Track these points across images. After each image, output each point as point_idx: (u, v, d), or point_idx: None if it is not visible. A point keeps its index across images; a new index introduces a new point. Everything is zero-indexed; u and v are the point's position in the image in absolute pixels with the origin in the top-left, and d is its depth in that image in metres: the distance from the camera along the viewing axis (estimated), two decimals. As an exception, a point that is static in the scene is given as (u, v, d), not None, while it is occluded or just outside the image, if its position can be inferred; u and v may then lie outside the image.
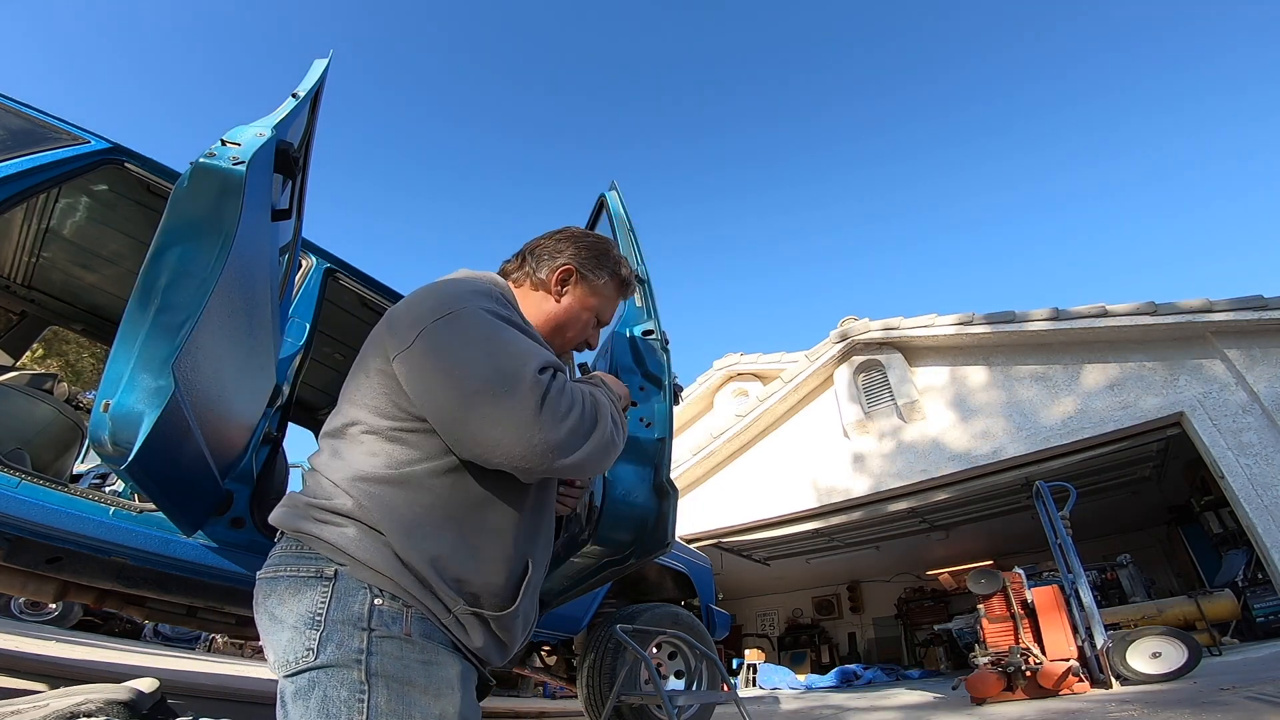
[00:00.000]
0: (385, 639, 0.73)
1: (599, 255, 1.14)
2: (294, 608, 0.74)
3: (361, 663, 0.71)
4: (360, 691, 0.70)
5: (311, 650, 0.71)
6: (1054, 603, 4.33)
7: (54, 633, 5.01)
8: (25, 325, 2.95)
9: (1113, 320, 6.01)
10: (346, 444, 0.84)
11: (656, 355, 1.56)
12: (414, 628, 0.76)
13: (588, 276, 1.12)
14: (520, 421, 0.74)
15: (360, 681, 0.70)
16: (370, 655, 0.72)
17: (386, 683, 0.71)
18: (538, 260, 1.11)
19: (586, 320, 1.14)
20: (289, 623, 0.74)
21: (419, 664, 0.74)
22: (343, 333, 3.10)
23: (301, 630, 0.72)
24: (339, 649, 0.71)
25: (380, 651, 0.72)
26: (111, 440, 1.02)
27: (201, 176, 1.08)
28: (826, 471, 7.63)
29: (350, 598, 0.74)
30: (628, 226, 1.84)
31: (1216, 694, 2.93)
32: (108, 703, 1.40)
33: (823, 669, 10.12)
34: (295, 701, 0.70)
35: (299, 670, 0.71)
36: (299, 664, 0.71)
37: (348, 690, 0.70)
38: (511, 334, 0.83)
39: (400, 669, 0.73)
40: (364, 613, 0.73)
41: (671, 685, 2.94)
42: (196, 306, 1.04)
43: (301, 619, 0.73)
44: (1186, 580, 8.42)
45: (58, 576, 1.65)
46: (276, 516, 0.84)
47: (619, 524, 1.35)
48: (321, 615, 0.73)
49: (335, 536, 0.77)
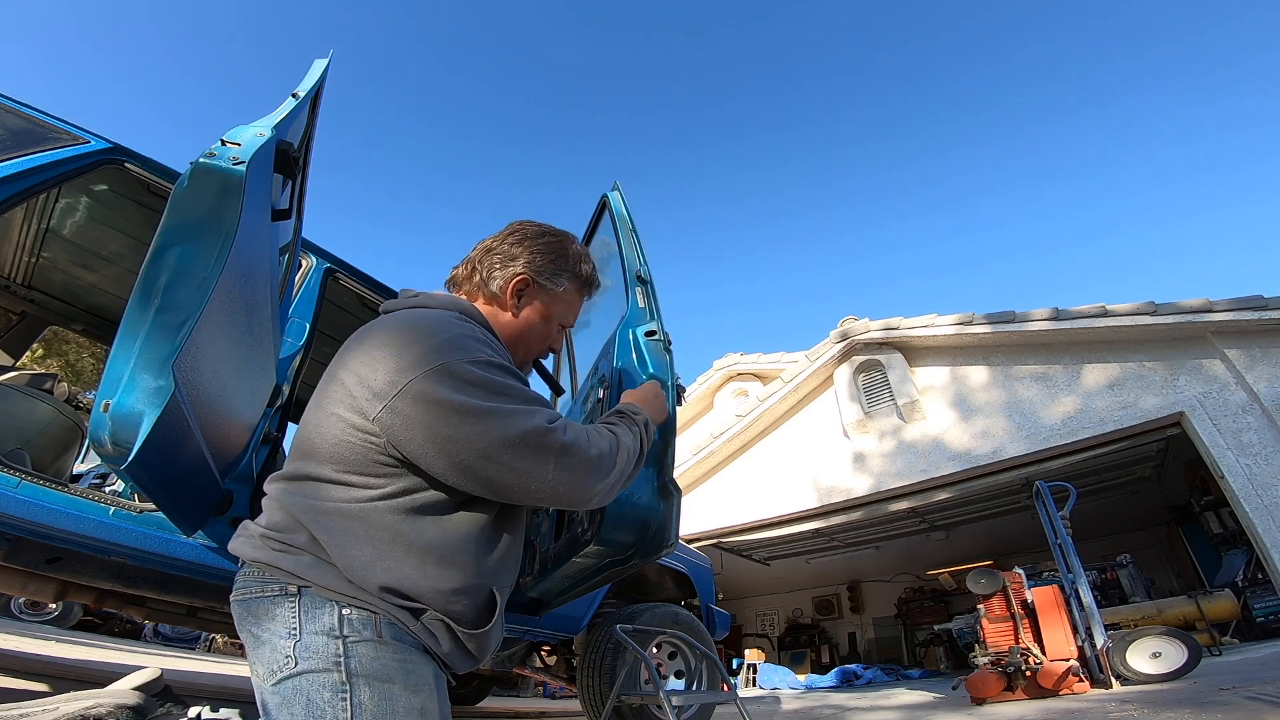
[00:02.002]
0: (359, 643, 0.76)
1: (556, 258, 1.06)
2: (269, 624, 0.77)
3: (340, 665, 0.74)
4: (342, 691, 0.73)
5: (291, 658, 0.74)
6: (1054, 603, 4.33)
7: (54, 633, 5.01)
8: (25, 325, 2.95)
9: (1113, 320, 6.01)
10: (305, 477, 0.83)
11: (659, 356, 1.56)
12: (384, 631, 0.78)
13: (545, 285, 1.05)
14: (540, 474, 0.80)
15: (341, 682, 0.73)
16: (348, 658, 0.74)
17: (367, 681, 0.74)
18: (489, 270, 1.03)
19: (549, 331, 1.09)
20: (266, 638, 0.76)
21: (395, 662, 0.77)
22: (343, 333, 3.08)
23: (278, 643, 0.75)
24: (316, 655, 0.74)
25: (356, 654, 0.75)
26: (111, 440, 1.02)
27: (201, 176, 1.08)
28: (826, 471, 7.63)
29: (319, 610, 0.76)
30: (630, 227, 1.84)
31: (1216, 694, 2.93)
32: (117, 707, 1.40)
33: (823, 669, 10.12)
34: (281, 710, 0.73)
35: (283, 678, 0.74)
36: (281, 672, 0.74)
37: (330, 691, 0.73)
38: (506, 385, 0.83)
39: (378, 667, 0.75)
40: (334, 622, 0.76)
41: (671, 685, 2.94)
42: (196, 306, 1.04)
43: (277, 633, 0.76)
44: (1186, 580, 8.43)
45: (58, 576, 1.65)
46: (235, 546, 0.84)
47: (622, 524, 1.35)
48: (296, 628, 0.75)
49: (291, 565, 0.78)
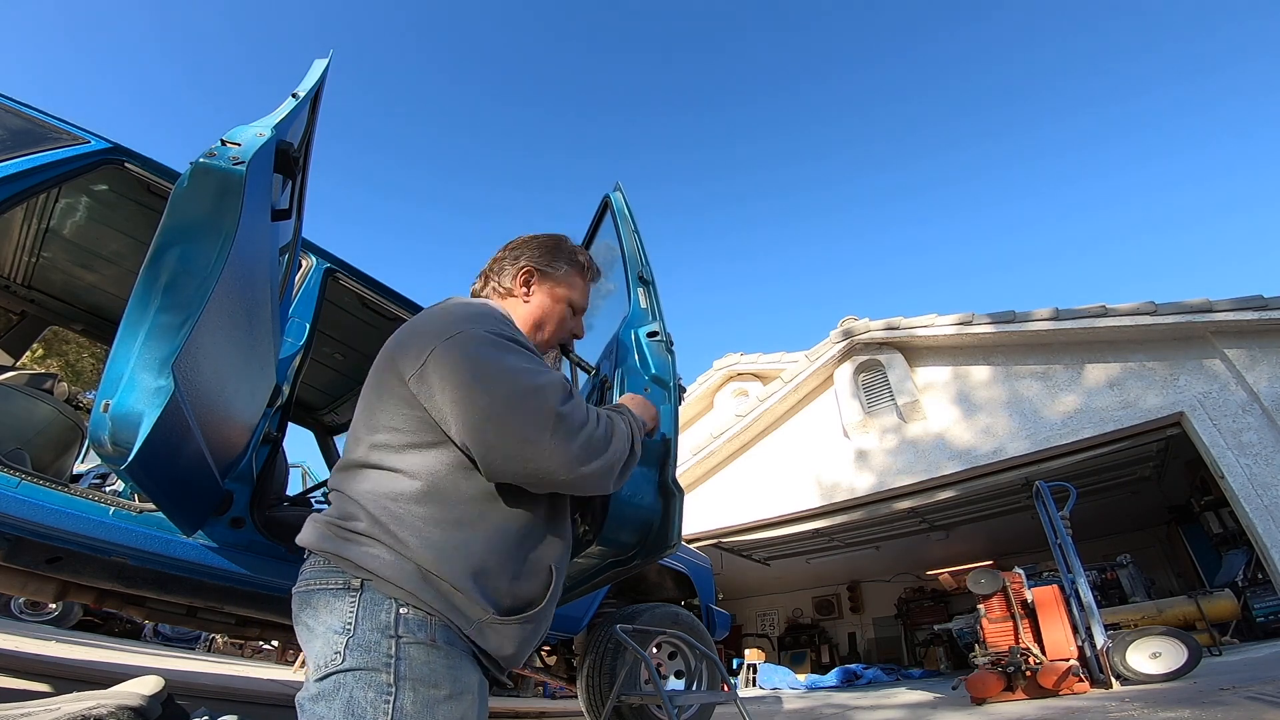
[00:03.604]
0: (412, 644, 0.76)
1: (553, 250, 1.19)
2: (325, 618, 0.78)
3: (391, 667, 0.74)
4: (387, 693, 0.72)
5: (339, 654, 0.74)
6: (1054, 603, 4.33)
7: (54, 633, 5.02)
8: (25, 325, 2.95)
9: (1113, 320, 6.01)
10: (367, 465, 0.86)
11: (661, 356, 1.56)
12: (438, 635, 0.78)
13: (548, 272, 1.17)
14: (535, 438, 0.79)
15: (388, 684, 0.73)
16: (399, 660, 0.74)
17: (413, 685, 0.74)
18: (499, 272, 1.17)
19: (561, 312, 1.18)
20: (319, 631, 0.77)
21: (444, 668, 0.77)
22: (343, 333, 3.10)
23: (331, 637, 0.76)
24: (367, 653, 0.74)
25: (408, 656, 0.75)
26: (111, 440, 1.02)
27: (201, 176, 1.08)
28: (827, 471, 7.63)
29: (377, 607, 0.77)
30: (632, 228, 1.84)
31: (1216, 694, 2.93)
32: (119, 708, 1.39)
33: (823, 669, 10.12)
34: (318, 702, 0.73)
35: (329, 673, 0.73)
36: (329, 666, 0.74)
37: (375, 692, 0.72)
38: (518, 354, 0.87)
39: (427, 673, 0.75)
40: (390, 621, 0.76)
41: (671, 685, 2.94)
42: (196, 306, 1.04)
43: (331, 627, 0.76)
44: (1186, 580, 8.42)
45: (58, 576, 1.65)
46: (304, 537, 0.86)
47: (624, 525, 1.35)
48: (351, 623, 0.76)
49: (359, 555, 0.79)
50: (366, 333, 3.10)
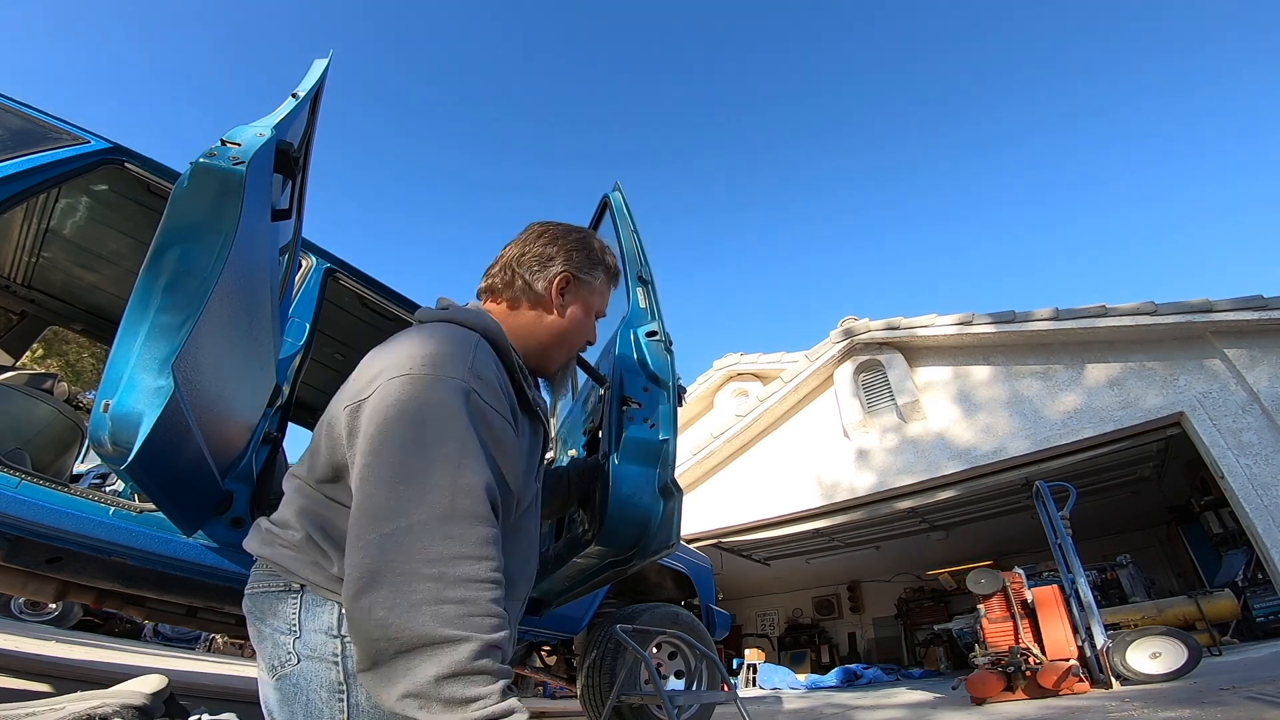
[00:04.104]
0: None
1: (588, 252, 1.08)
2: (272, 620, 0.78)
3: (339, 664, 0.74)
4: (339, 691, 0.73)
5: (291, 654, 0.75)
6: (1054, 602, 4.33)
7: (54, 633, 5.01)
8: (25, 325, 2.95)
9: (1113, 320, 6.01)
10: (303, 476, 0.84)
11: (660, 357, 1.56)
12: None
13: (585, 280, 1.06)
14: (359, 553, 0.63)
15: (339, 682, 0.73)
16: (346, 658, 0.74)
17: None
18: (530, 273, 1.02)
19: (590, 324, 1.10)
20: (268, 633, 0.78)
21: None
22: (343, 333, 3.10)
23: (280, 638, 0.77)
24: (314, 652, 0.75)
25: (354, 654, 0.72)
26: (111, 440, 1.02)
27: (201, 176, 1.08)
28: (827, 471, 7.63)
29: (319, 608, 0.77)
30: (631, 228, 1.84)
31: (1216, 694, 2.93)
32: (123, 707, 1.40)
33: (823, 669, 10.12)
34: (281, 706, 0.75)
35: (283, 674, 0.75)
36: (282, 668, 0.75)
37: (327, 691, 0.73)
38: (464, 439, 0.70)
39: None
40: (334, 621, 0.76)
41: (671, 685, 2.94)
42: (196, 306, 1.04)
43: (279, 629, 0.77)
44: (1186, 580, 8.42)
45: (58, 576, 1.65)
46: (247, 542, 0.87)
47: (623, 525, 1.35)
48: (296, 624, 0.76)
49: (290, 562, 0.80)
50: (366, 333, 3.10)
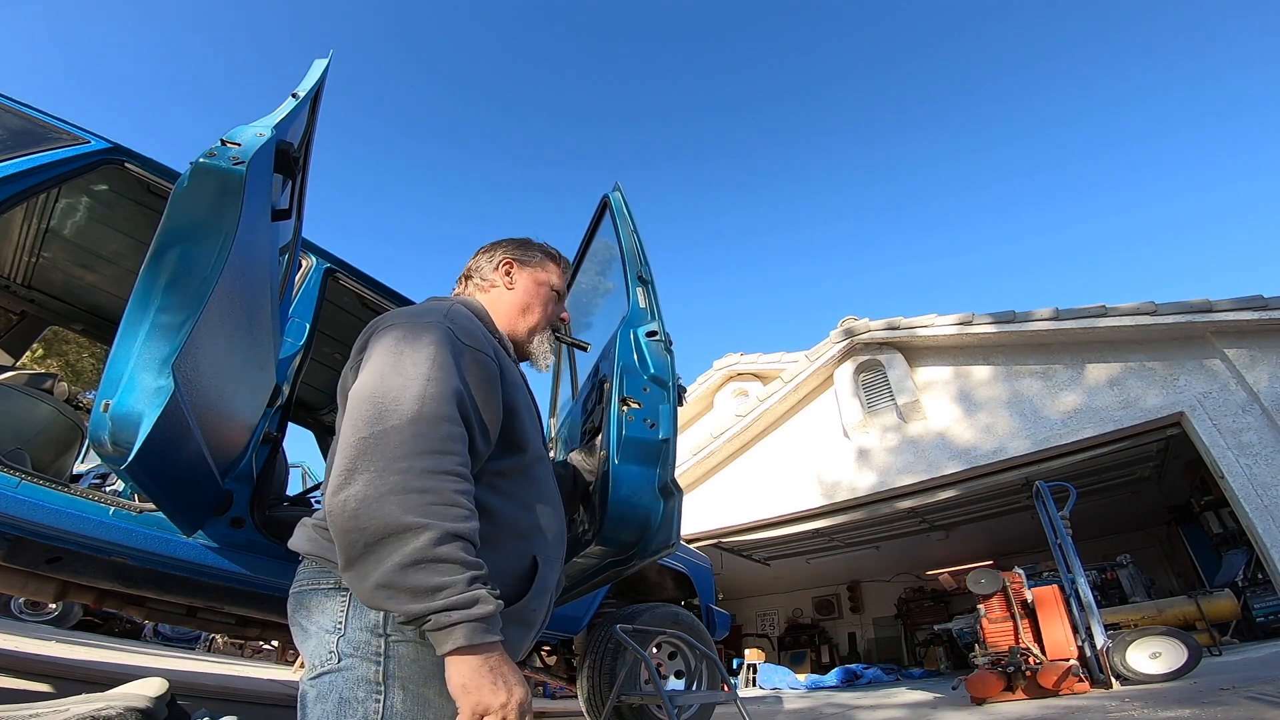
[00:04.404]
0: (400, 643, 0.76)
1: (524, 244, 1.28)
2: (318, 618, 0.79)
3: (380, 665, 0.75)
4: (376, 691, 0.73)
5: (334, 654, 0.75)
6: (1054, 602, 4.33)
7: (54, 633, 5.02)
8: (25, 325, 2.95)
9: (1113, 320, 6.00)
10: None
11: (660, 357, 1.56)
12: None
13: (525, 261, 1.25)
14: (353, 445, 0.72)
15: (377, 683, 0.74)
16: (388, 659, 0.75)
17: (402, 684, 0.75)
18: (478, 271, 1.24)
19: (546, 294, 1.24)
20: (313, 631, 0.79)
21: (434, 665, 0.76)
22: (343, 333, 3.10)
23: (324, 636, 0.77)
24: (357, 651, 0.75)
25: (396, 655, 0.76)
26: (111, 440, 1.02)
27: (201, 176, 1.08)
28: (827, 471, 7.63)
29: (366, 607, 0.77)
30: (631, 227, 1.84)
31: (1216, 694, 2.93)
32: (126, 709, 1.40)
33: (823, 669, 10.12)
34: (316, 702, 0.74)
35: (322, 672, 0.75)
36: (322, 666, 0.75)
37: (364, 690, 0.73)
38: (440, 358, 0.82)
39: (415, 671, 0.76)
40: (379, 620, 0.77)
41: (671, 685, 2.94)
42: (196, 306, 1.04)
43: (324, 627, 0.78)
44: (1186, 580, 8.42)
45: (58, 576, 1.65)
46: (294, 542, 0.88)
47: (624, 524, 1.35)
48: (342, 622, 0.77)
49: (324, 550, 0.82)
50: (366, 333, 3.10)
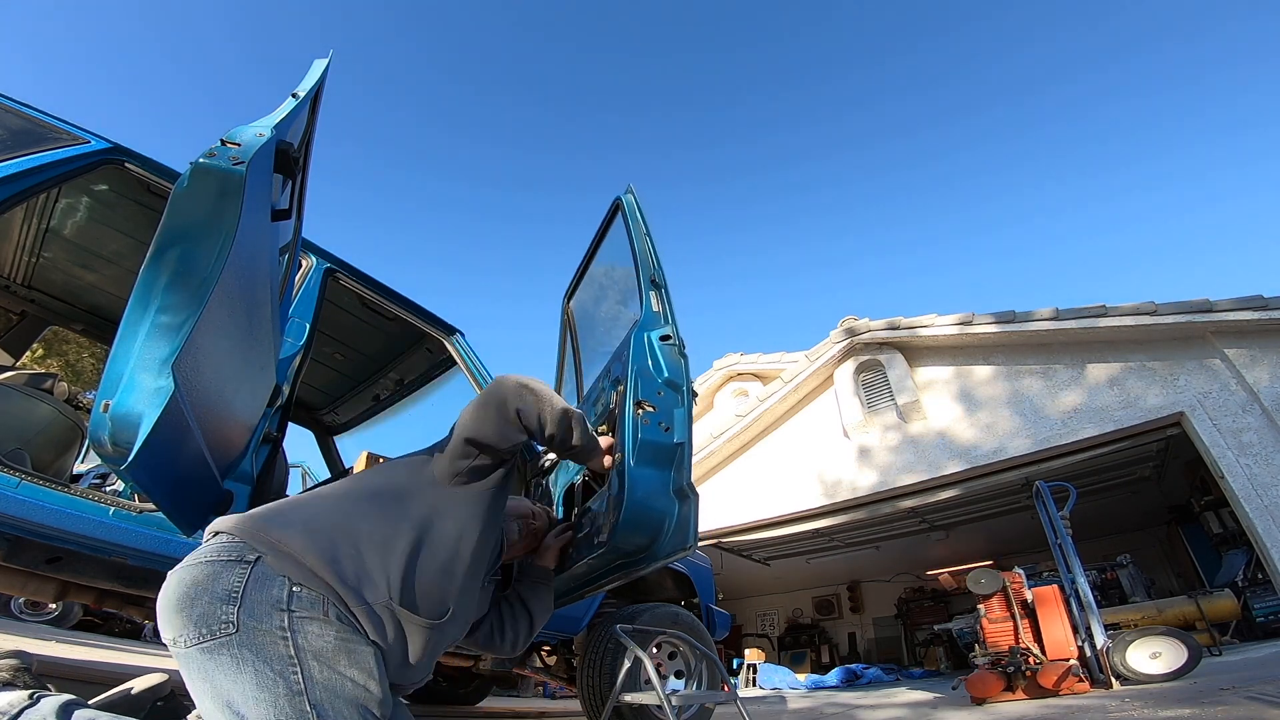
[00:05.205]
0: (306, 619, 0.79)
1: None
2: (208, 587, 0.78)
3: (287, 639, 0.76)
4: (291, 664, 0.75)
5: (231, 622, 0.75)
6: (1054, 602, 4.33)
7: (54, 633, 5.01)
8: (25, 325, 2.95)
9: (1113, 320, 6.01)
10: None
11: (674, 360, 1.56)
12: (331, 612, 0.81)
13: None
14: None
15: (289, 656, 0.75)
16: (294, 633, 0.77)
17: (314, 656, 0.77)
18: None
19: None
20: (203, 600, 0.77)
21: (340, 642, 0.80)
22: (343, 333, 3.10)
23: (218, 605, 0.76)
24: (259, 623, 0.76)
25: (304, 630, 0.78)
26: (111, 440, 1.01)
27: (201, 177, 1.08)
28: (827, 471, 7.63)
29: (269, 581, 0.79)
30: (644, 230, 1.84)
31: (1216, 694, 2.93)
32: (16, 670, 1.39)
33: (823, 669, 10.12)
34: (221, 672, 0.74)
35: (216, 639, 0.74)
36: (217, 633, 0.74)
37: (279, 663, 0.75)
38: None
39: (324, 645, 0.78)
40: (283, 596, 0.79)
41: (671, 685, 2.94)
42: (196, 306, 1.04)
43: (217, 596, 0.77)
44: (1186, 580, 8.43)
45: (58, 576, 1.65)
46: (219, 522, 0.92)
47: (638, 528, 1.35)
48: (239, 593, 0.77)
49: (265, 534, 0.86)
50: (366, 333, 3.10)
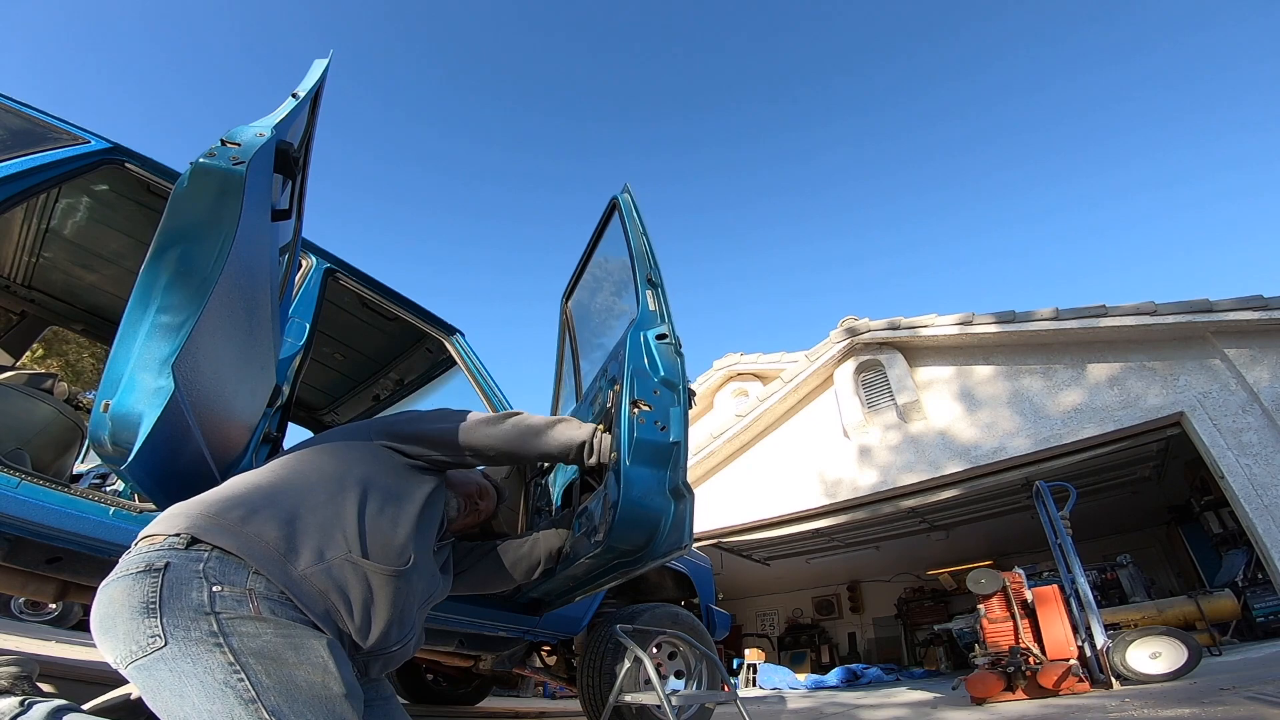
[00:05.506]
0: (236, 619, 0.73)
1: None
2: (125, 602, 0.73)
3: (221, 645, 0.70)
4: (235, 671, 0.69)
5: (158, 636, 0.70)
6: (1054, 602, 4.33)
7: (54, 633, 5.01)
8: (25, 325, 2.95)
9: (1113, 320, 6.01)
10: None
11: (671, 359, 1.56)
12: (262, 606, 0.75)
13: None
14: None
15: (230, 663, 0.70)
16: (228, 636, 0.71)
17: (258, 659, 0.71)
18: None
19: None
20: (123, 617, 0.73)
21: (281, 638, 0.74)
22: (343, 333, 3.10)
23: (139, 620, 0.71)
24: (187, 633, 0.70)
25: (237, 632, 0.72)
26: (111, 440, 1.01)
27: (201, 176, 1.08)
28: (827, 471, 7.63)
29: (184, 586, 0.74)
30: (640, 230, 1.84)
31: (1216, 694, 2.93)
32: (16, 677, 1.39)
33: (823, 669, 10.12)
34: (164, 689, 0.69)
35: (148, 655, 0.69)
36: (147, 649, 0.70)
37: (222, 672, 0.69)
38: None
39: (264, 645, 0.72)
40: (204, 599, 0.73)
41: (671, 685, 2.93)
42: (196, 306, 1.04)
43: (136, 610, 0.72)
44: (1186, 580, 8.43)
45: (58, 576, 1.65)
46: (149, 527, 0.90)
47: (634, 527, 1.35)
48: (155, 603, 0.72)
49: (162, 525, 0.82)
50: (366, 333, 3.10)
